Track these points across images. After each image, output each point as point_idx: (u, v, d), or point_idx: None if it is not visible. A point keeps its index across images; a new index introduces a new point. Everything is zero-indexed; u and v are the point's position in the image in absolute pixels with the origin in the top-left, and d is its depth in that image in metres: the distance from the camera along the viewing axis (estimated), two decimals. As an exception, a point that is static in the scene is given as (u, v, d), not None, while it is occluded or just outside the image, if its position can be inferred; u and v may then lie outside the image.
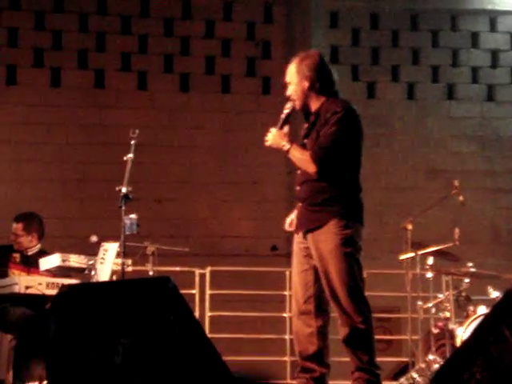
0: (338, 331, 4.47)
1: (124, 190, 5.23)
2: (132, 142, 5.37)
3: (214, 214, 8.96)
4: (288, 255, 8.66)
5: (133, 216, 5.23)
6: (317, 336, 4.46)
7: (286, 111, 4.56)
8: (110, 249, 5.61)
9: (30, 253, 6.14)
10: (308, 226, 4.48)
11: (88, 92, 8.89)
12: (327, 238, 4.40)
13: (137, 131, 5.37)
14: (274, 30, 9.26)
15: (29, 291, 5.54)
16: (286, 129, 4.54)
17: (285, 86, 4.66)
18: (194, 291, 7.39)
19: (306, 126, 4.60)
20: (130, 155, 5.35)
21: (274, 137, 4.51)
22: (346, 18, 9.33)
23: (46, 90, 8.80)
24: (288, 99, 4.60)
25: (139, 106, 8.93)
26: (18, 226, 6.17)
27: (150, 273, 6.28)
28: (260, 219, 9.00)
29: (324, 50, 8.56)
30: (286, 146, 4.49)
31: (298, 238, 4.58)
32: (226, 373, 3.90)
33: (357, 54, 9.32)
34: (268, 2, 9.28)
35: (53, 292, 5.56)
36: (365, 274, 4.59)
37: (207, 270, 7.63)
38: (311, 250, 4.48)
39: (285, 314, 7.45)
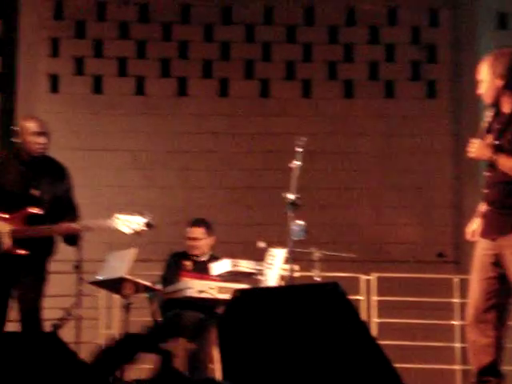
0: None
1: (291, 196, 5.33)
2: (299, 150, 5.46)
3: (379, 220, 8.92)
4: (455, 262, 8.56)
5: (301, 222, 5.31)
6: (494, 347, 4.31)
7: (488, 119, 4.41)
8: (278, 254, 5.72)
9: (202, 259, 6.29)
10: (496, 231, 4.34)
11: (254, 101, 9.09)
12: (517, 244, 4.23)
13: (304, 139, 5.45)
14: (439, 33, 9.12)
15: (202, 295, 5.72)
16: (488, 138, 4.38)
17: (451, 89, 4.58)
18: (359, 297, 7.41)
19: (495, 126, 4.43)
20: (297, 162, 5.45)
21: (478, 148, 4.34)
22: (514, 18, 9.07)
23: (215, 100, 9.07)
24: (480, 97, 4.46)
25: (304, 114, 9.04)
26: (199, 230, 6.28)
27: (316, 278, 6.33)
28: (426, 225, 8.88)
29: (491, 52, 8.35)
30: (494, 156, 4.32)
31: (483, 244, 4.43)
32: (396, 379, 3.88)
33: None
34: (433, 6, 9.16)
35: (224, 296, 5.71)
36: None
37: (373, 277, 7.62)
38: (499, 257, 4.33)
39: (454, 322, 7.32)
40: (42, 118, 8.71)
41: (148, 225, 5.34)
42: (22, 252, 5.10)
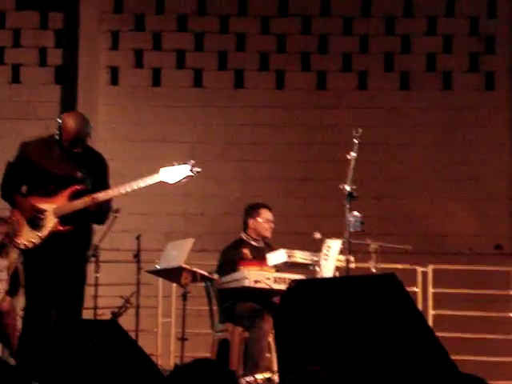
0: None
1: (348, 188, 5.37)
2: (355, 141, 5.49)
3: (435, 212, 8.89)
4: (513, 254, 8.47)
5: (356, 214, 5.34)
6: None
7: None
8: (334, 246, 5.76)
9: (260, 245, 6.31)
10: None
11: (310, 93, 9.12)
12: None
13: (360, 130, 5.48)
14: (498, 24, 9.03)
15: (258, 285, 5.79)
16: None
17: (510, 80, 4.55)
18: (416, 289, 7.41)
19: None
20: (353, 154, 5.48)
21: None
22: None
23: (271, 92, 9.11)
24: None
25: (360, 106, 9.03)
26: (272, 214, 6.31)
27: (373, 270, 6.34)
28: (483, 217, 8.83)
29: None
30: None
31: None
32: (453, 371, 3.89)
33: None
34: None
35: (280, 286, 5.78)
36: None
37: (429, 269, 7.61)
38: None
39: (511, 314, 7.28)
40: (102, 109, 8.94)
41: (192, 170, 5.40)
42: (67, 227, 5.16)
